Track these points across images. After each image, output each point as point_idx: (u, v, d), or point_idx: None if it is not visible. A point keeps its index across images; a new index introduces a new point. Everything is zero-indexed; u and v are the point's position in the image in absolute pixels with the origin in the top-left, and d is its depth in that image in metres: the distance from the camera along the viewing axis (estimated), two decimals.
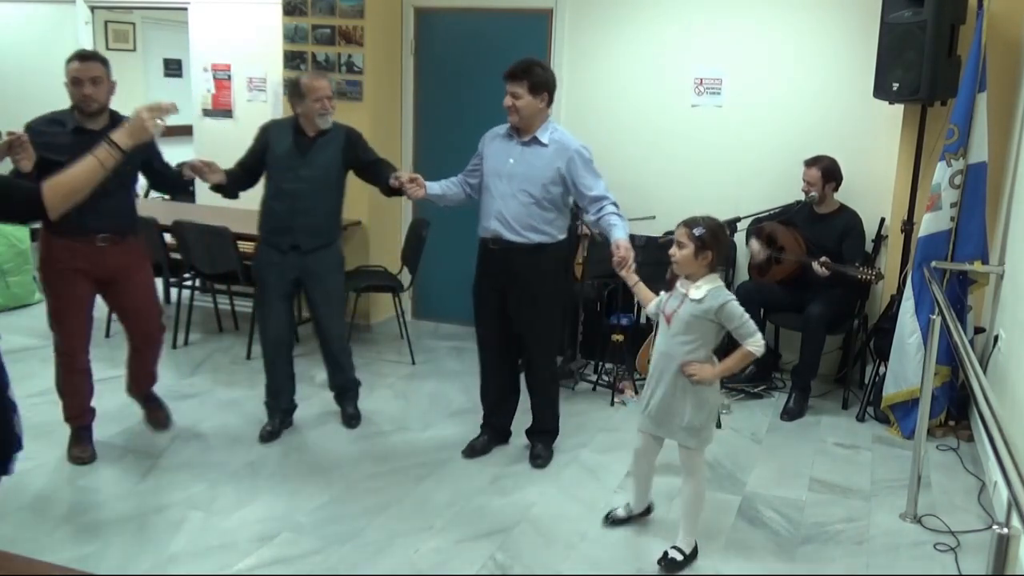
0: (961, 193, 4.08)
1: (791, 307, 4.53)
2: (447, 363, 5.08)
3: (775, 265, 4.58)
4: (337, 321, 4.00)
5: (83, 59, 3.37)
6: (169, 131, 2.58)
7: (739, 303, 2.88)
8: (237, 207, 3.96)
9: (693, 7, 4.99)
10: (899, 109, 4.48)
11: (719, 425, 4.24)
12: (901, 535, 3.29)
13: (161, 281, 5.80)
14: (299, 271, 3.81)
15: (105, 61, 3.44)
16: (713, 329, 2.90)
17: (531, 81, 3.43)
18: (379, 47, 5.39)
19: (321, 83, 3.67)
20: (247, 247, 4.57)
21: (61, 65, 3.39)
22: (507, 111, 3.48)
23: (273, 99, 5.77)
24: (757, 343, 2.85)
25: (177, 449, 3.80)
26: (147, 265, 3.73)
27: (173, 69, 8.26)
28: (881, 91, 4.24)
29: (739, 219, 4.41)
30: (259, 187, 3.84)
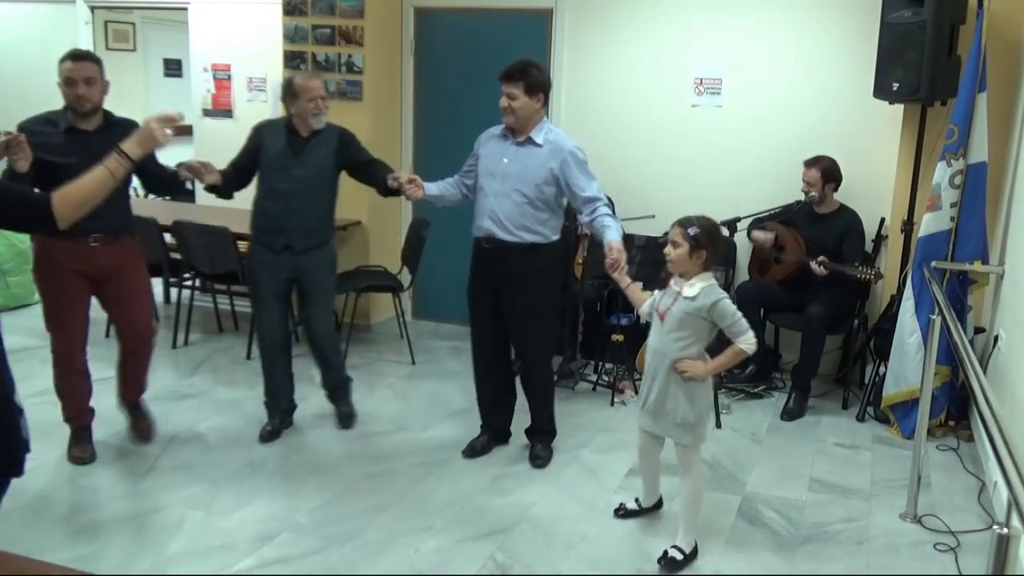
0: (961, 193, 4.09)
1: (791, 307, 4.54)
2: (447, 363, 5.08)
3: (775, 265, 4.58)
4: (326, 320, 3.97)
5: (76, 59, 3.33)
6: None
7: (739, 303, 2.89)
8: (237, 207, 3.95)
9: (693, 7, 4.99)
10: (899, 109, 4.48)
11: (719, 425, 4.25)
12: (901, 535, 3.29)
13: (161, 281, 5.82)
14: (292, 271, 3.80)
15: (98, 61, 3.41)
16: (706, 327, 2.92)
17: (527, 82, 3.43)
18: (379, 47, 5.39)
19: (314, 83, 3.66)
20: (247, 247, 4.56)
21: None
22: (503, 112, 3.49)
23: (273, 99, 5.76)
24: (749, 341, 2.88)
25: (177, 449, 3.80)
26: (141, 265, 3.71)
27: (173, 69, 8.25)
28: (881, 91, 4.24)
29: (739, 219, 4.41)
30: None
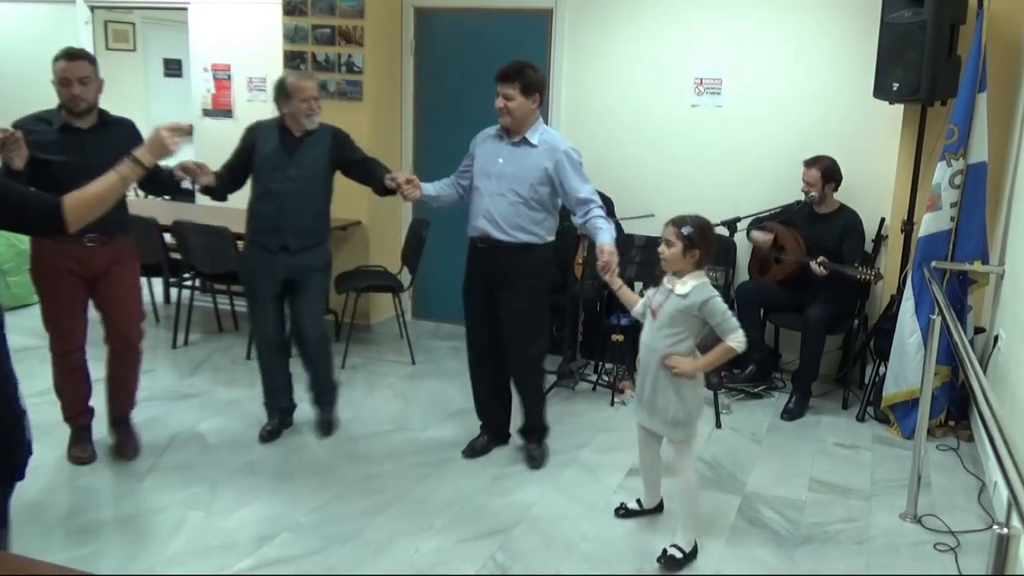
0: (961, 193, 4.09)
1: (791, 307, 4.53)
2: (447, 363, 5.08)
3: (775, 265, 4.58)
4: (317, 320, 3.93)
5: (70, 58, 3.29)
6: None
7: (739, 303, 2.89)
8: (237, 207, 3.95)
9: (693, 7, 4.99)
10: (899, 109, 4.48)
11: (719, 425, 4.25)
12: (901, 535, 3.29)
13: (161, 281, 5.82)
14: (288, 271, 3.78)
15: (92, 59, 3.37)
16: (697, 324, 2.95)
17: (523, 82, 3.43)
18: (379, 47, 5.39)
19: (307, 83, 3.65)
20: (243, 247, 4.55)
21: None
22: (498, 112, 3.49)
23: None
24: (738, 339, 2.90)
25: (177, 449, 3.80)
26: (135, 265, 3.66)
27: (173, 69, 8.25)
28: (881, 91, 4.24)
29: (739, 219, 4.42)
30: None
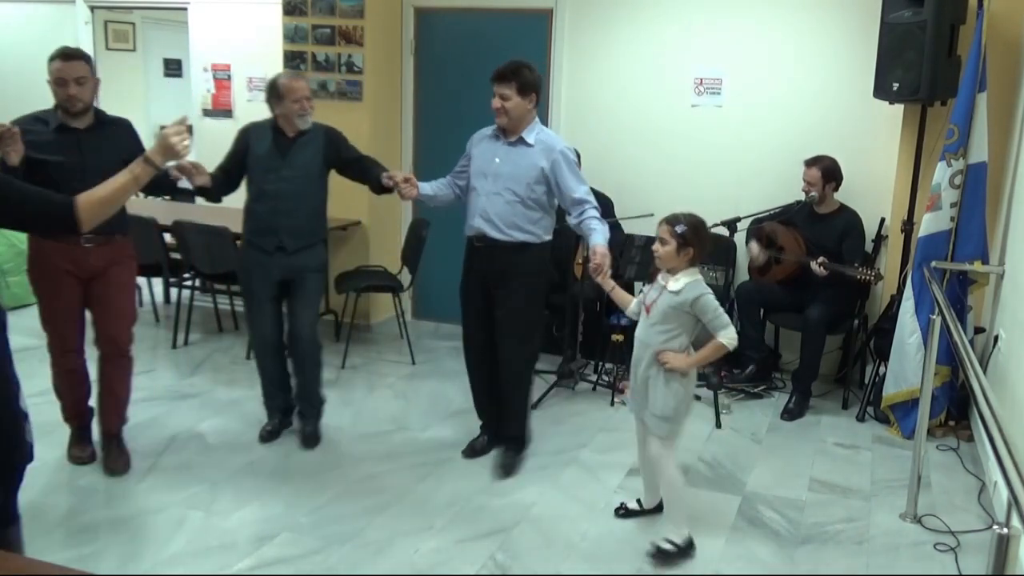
0: (961, 193, 4.09)
1: (791, 307, 4.53)
2: (447, 363, 5.08)
3: (775, 265, 4.58)
4: (310, 322, 3.87)
5: (66, 58, 3.27)
6: None
7: (739, 303, 2.90)
8: (237, 207, 3.94)
9: (693, 7, 4.99)
10: (899, 109, 4.48)
11: (719, 425, 4.25)
12: (901, 535, 3.29)
13: (161, 281, 5.82)
14: (284, 272, 3.77)
15: (89, 59, 3.35)
16: (689, 321, 2.97)
17: (519, 82, 3.44)
18: (379, 47, 5.39)
19: (299, 84, 3.64)
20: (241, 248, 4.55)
21: None
22: (495, 113, 3.49)
23: None
24: (730, 336, 2.92)
25: (177, 449, 3.80)
26: (132, 265, 3.63)
27: (173, 69, 8.25)
28: (881, 91, 4.24)
29: (739, 219, 4.42)
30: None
